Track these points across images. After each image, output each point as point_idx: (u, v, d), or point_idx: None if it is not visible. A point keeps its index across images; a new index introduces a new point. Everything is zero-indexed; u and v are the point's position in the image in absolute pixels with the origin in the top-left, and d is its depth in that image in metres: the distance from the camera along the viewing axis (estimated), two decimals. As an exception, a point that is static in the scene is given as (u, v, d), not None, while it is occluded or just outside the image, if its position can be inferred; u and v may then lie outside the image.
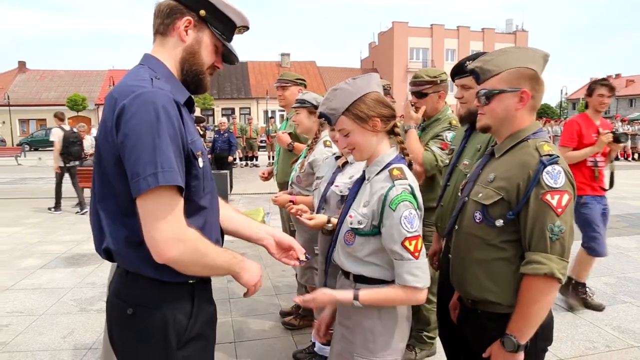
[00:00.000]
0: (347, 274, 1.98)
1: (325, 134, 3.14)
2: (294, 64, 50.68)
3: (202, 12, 1.54)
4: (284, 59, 50.92)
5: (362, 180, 2.02)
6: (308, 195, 3.06)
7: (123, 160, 1.33)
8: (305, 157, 3.26)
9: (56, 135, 9.55)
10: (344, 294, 1.84)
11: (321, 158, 3.04)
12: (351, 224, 1.89)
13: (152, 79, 1.42)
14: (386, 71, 50.06)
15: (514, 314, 1.70)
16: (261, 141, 22.28)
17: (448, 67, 48.33)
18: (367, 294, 1.81)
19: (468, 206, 1.90)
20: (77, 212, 9.66)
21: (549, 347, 1.90)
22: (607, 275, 5.36)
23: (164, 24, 1.54)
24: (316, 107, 3.17)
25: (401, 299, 1.80)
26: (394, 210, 1.74)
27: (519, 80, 1.76)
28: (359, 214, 1.87)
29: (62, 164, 9.61)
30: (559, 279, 1.63)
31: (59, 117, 9.85)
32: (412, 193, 1.79)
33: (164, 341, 1.44)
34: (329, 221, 2.42)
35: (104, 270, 5.69)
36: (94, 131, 11.50)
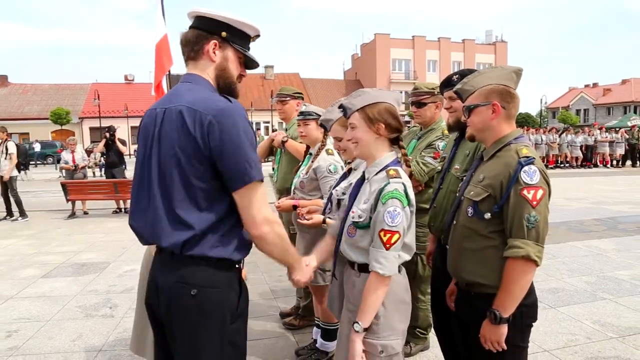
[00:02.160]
0: (352, 264, 2.23)
1: (329, 143, 3.37)
2: (277, 76, 51.10)
3: (224, 34, 1.80)
4: (267, 71, 51.29)
5: (362, 180, 2.27)
6: (311, 200, 3.29)
7: (218, 163, 1.64)
8: (309, 163, 3.48)
9: (14, 148, 10.21)
10: (356, 342, 2.05)
11: (325, 165, 3.28)
12: (353, 218, 2.16)
13: (224, 96, 1.73)
14: (369, 82, 50.65)
15: (499, 292, 1.98)
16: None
17: (430, 77, 48.86)
18: (360, 313, 2.06)
19: (463, 203, 2.19)
20: (15, 219, 10.29)
21: (534, 341, 2.18)
22: (587, 275, 5.66)
23: (194, 51, 1.81)
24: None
25: (376, 288, 2.04)
26: (383, 204, 2.02)
27: (489, 95, 2.09)
28: (359, 209, 2.14)
29: (17, 174, 10.40)
30: (534, 260, 1.91)
31: (2, 130, 10.32)
32: (405, 191, 2.05)
33: (222, 317, 1.71)
34: (324, 221, 2.73)
35: (105, 278, 5.86)
36: (80, 147, 11.72)
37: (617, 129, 25.18)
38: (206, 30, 1.79)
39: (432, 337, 3.61)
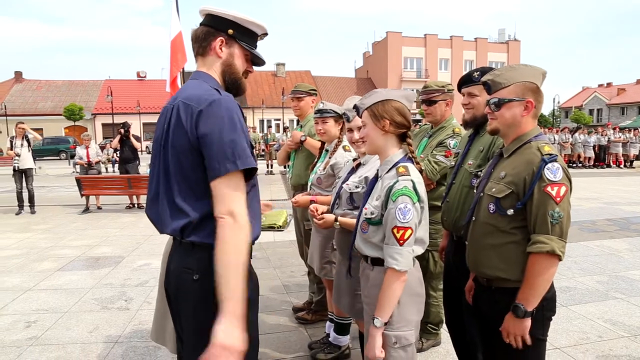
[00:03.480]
0: (366, 258, 2.32)
1: (345, 140, 3.41)
2: (289, 74, 51.16)
3: (230, 31, 1.89)
4: (279, 68, 51.37)
5: (376, 178, 2.34)
6: (328, 195, 3.34)
7: (204, 153, 1.67)
8: (325, 160, 3.53)
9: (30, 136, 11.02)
10: (375, 337, 2.11)
11: (342, 161, 3.32)
12: (365, 215, 2.23)
13: (217, 89, 1.76)
14: (381, 81, 50.59)
15: (522, 286, 2.02)
16: (262, 150, 22.78)
17: (442, 76, 48.53)
18: (379, 309, 2.11)
19: (483, 200, 2.22)
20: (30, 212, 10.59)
21: (547, 337, 2.19)
22: (599, 274, 5.66)
23: (202, 47, 1.90)
24: (339, 115, 3.46)
25: (392, 284, 2.09)
26: (393, 202, 2.09)
27: (524, 92, 2.10)
28: (372, 206, 2.21)
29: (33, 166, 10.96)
30: (558, 255, 1.95)
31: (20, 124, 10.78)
32: (414, 188, 2.11)
33: None
34: (336, 219, 2.79)
35: (120, 272, 5.95)
36: (93, 143, 11.91)
37: (631, 129, 24.94)
38: (214, 28, 1.88)
39: (444, 332, 3.66)
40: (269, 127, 25.74)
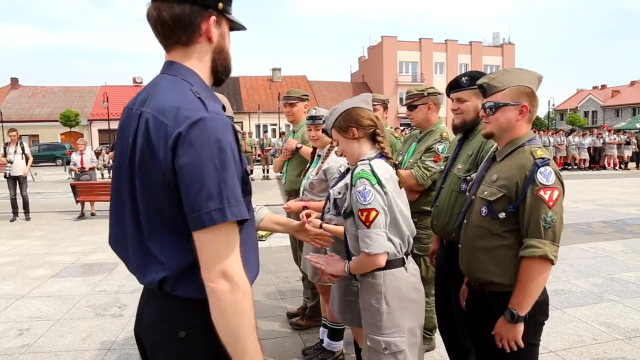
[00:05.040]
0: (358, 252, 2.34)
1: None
2: (285, 79, 51.16)
3: (220, 5, 1.43)
4: (275, 73, 51.35)
5: None
6: (320, 201, 3.33)
7: (182, 191, 1.26)
8: (318, 165, 3.52)
9: (28, 148, 10.90)
10: (340, 270, 2.33)
11: (335, 166, 3.32)
12: (342, 211, 2.33)
13: (200, 99, 1.30)
14: (376, 85, 50.61)
15: (514, 291, 2.01)
16: (258, 155, 22.82)
17: (437, 80, 48.60)
18: (353, 263, 2.25)
19: (475, 203, 2.22)
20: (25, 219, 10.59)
21: (540, 342, 2.19)
22: (594, 277, 5.66)
23: (187, 34, 1.40)
24: None
25: (362, 263, 2.18)
26: (353, 186, 2.16)
27: (519, 96, 2.11)
28: (347, 201, 2.29)
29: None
30: (551, 260, 1.95)
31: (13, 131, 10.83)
32: (372, 171, 2.16)
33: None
34: (320, 226, 2.79)
35: (114, 278, 5.92)
36: (88, 149, 11.90)
37: (626, 131, 25.04)
38: (199, 4, 1.39)
39: (438, 337, 3.64)
40: (265, 132, 25.82)
